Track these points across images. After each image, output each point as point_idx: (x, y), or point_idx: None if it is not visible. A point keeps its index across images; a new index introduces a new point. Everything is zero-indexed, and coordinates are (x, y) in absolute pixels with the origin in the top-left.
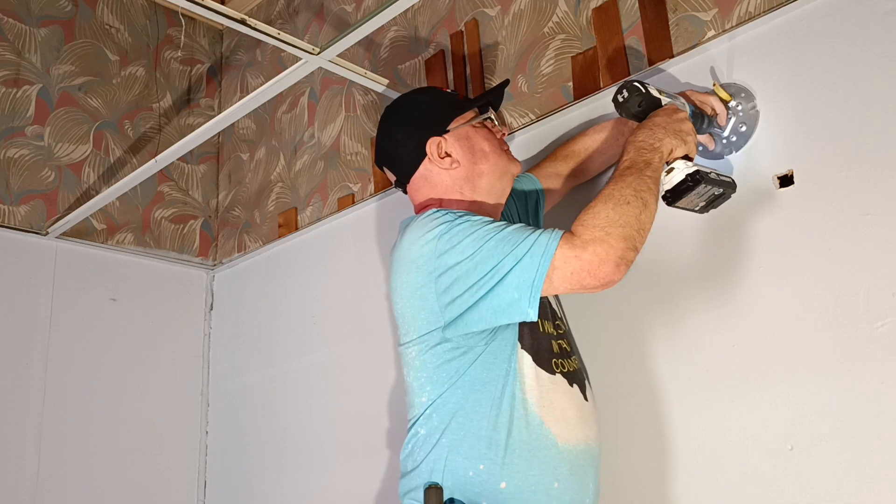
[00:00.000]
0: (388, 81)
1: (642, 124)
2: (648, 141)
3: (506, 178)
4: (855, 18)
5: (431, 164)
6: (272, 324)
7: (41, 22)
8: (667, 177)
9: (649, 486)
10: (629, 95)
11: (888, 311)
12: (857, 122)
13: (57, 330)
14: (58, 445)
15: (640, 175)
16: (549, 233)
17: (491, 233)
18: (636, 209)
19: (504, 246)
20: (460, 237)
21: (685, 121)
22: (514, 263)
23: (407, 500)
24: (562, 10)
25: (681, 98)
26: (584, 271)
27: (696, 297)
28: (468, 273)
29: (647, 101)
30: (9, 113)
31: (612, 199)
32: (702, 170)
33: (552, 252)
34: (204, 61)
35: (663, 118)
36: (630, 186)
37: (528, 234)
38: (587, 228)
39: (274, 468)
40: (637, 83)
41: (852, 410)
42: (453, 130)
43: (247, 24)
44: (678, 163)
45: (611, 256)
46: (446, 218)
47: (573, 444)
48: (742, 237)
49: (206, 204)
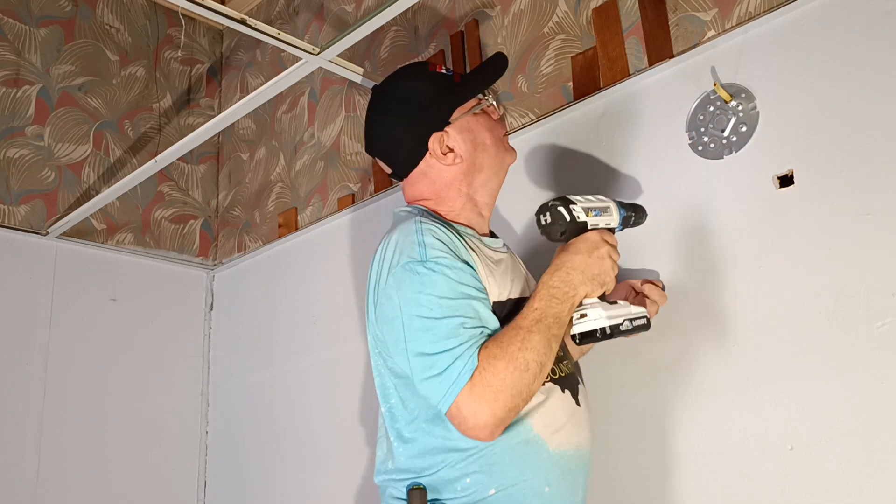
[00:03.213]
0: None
1: (559, 261)
2: (563, 289)
3: (501, 172)
4: (855, 18)
5: (432, 160)
6: (272, 324)
7: (41, 22)
8: (579, 319)
9: (650, 486)
10: (552, 221)
11: (888, 311)
12: (857, 122)
13: (57, 330)
14: (58, 445)
15: (546, 335)
16: (465, 360)
17: (428, 309)
18: (532, 375)
19: (429, 337)
20: (406, 285)
21: (605, 258)
22: (425, 377)
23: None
24: (562, 10)
25: (611, 203)
26: (458, 422)
27: (695, 297)
28: (394, 330)
29: (571, 229)
30: (9, 113)
31: (514, 360)
32: (615, 324)
33: (459, 388)
34: (204, 61)
35: (583, 258)
36: (533, 350)
37: (451, 345)
38: (482, 383)
39: (274, 468)
40: (561, 206)
41: (852, 410)
42: (455, 122)
43: (247, 24)
44: (593, 310)
45: (488, 424)
46: (415, 251)
47: (564, 448)
48: (742, 237)
49: (206, 204)
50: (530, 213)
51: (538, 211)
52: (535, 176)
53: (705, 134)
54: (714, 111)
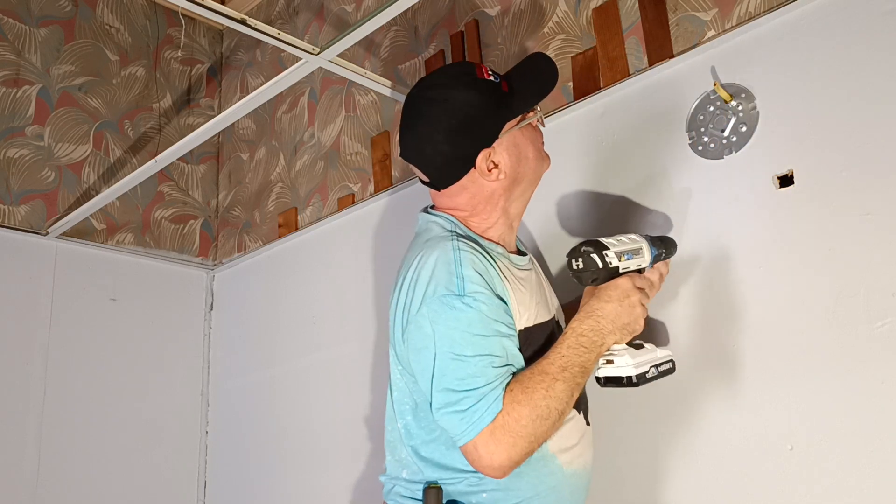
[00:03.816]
0: (389, 82)
1: (590, 308)
2: (591, 337)
3: (536, 182)
4: (855, 18)
5: (475, 174)
6: (272, 324)
7: (41, 22)
8: (605, 364)
9: (649, 486)
10: (584, 267)
11: (888, 311)
12: (857, 122)
13: (57, 330)
14: (58, 445)
15: (571, 383)
16: (489, 402)
17: (460, 346)
18: (551, 423)
19: (458, 373)
20: (440, 318)
21: (636, 306)
22: (449, 411)
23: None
24: (562, 10)
25: (643, 243)
26: (472, 459)
27: (695, 298)
28: (423, 358)
29: (603, 276)
30: (9, 113)
31: (537, 408)
32: (641, 373)
33: (480, 428)
34: (204, 61)
35: (614, 306)
36: (556, 399)
37: (478, 385)
38: (503, 427)
39: (274, 468)
40: (594, 252)
41: (852, 410)
42: (502, 137)
43: (247, 24)
44: (620, 358)
45: (502, 466)
46: (452, 283)
47: (575, 468)
48: (742, 237)
49: (206, 204)
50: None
51: (570, 254)
52: None
53: (705, 134)
54: (714, 111)
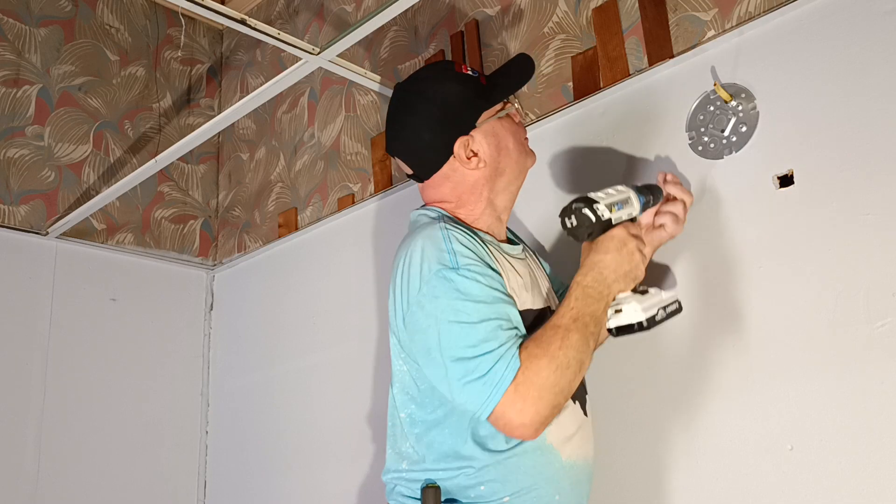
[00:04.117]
0: (389, 81)
1: (591, 261)
2: (597, 287)
3: (522, 176)
4: (855, 18)
5: (456, 163)
6: (272, 324)
7: (41, 22)
8: (614, 315)
9: (649, 486)
10: (578, 224)
11: (888, 311)
12: (857, 122)
13: (57, 330)
14: (58, 445)
15: (584, 333)
16: (507, 361)
17: (466, 314)
18: (573, 373)
19: (469, 341)
20: (441, 292)
21: (634, 253)
22: (467, 380)
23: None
24: (562, 10)
25: (630, 192)
26: (502, 423)
27: (695, 298)
28: (430, 339)
29: (597, 229)
30: (9, 113)
31: (555, 359)
32: (650, 316)
33: (503, 389)
34: (204, 61)
35: (614, 256)
36: (574, 348)
37: (491, 347)
38: (526, 382)
39: (274, 468)
40: (585, 207)
41: (852, 410)
42: (481, 126)
43: (247, 24)
44: (628, 305)
45: (534, 422)
46: (446, 258)
47: (574, 459)
48: (742, 237)
49: (206, 204)
50: (531, 214)
51: (562, 213)
52: (535, 176)
53: (705, 134)
54: (714, 111)
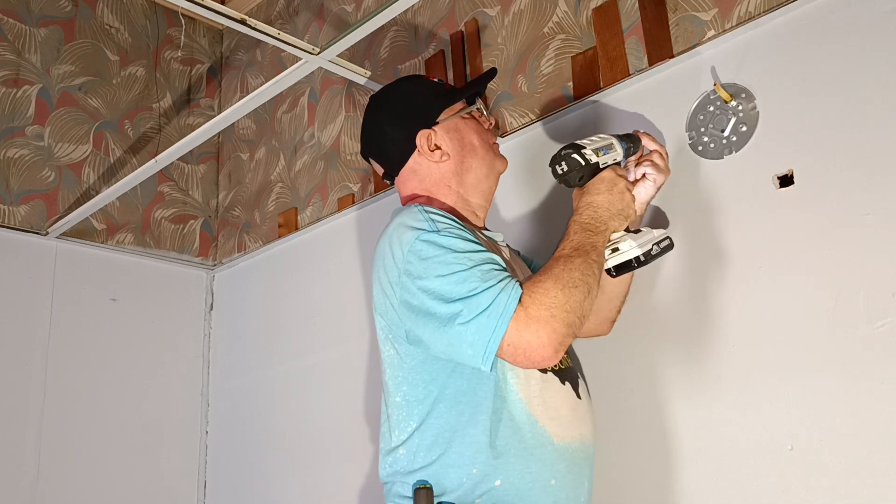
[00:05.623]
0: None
1: (585, 202)
2: (594, 223)
3: (492, 177)
4: (855, 18)
5: (421, 157)
6: (272, 324)
7: (41, 22)
8: (611, 254)
9: (649, 486)
10: (569, 169)
11: (888, 311)
12: (857, 122)
13: (57, 330)
14: (58, 445)
15: (586, 259)
16: (509, 291)
17: (457, 264)
18: (582, 294)
19: (466, 285)
20: (427, 253)
21: (625, 192)
22: (471, 317)
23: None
24: (562, 10)
25: (612, 139)
26: (521, 350)
27: (695, 297)
28: (426, 301)
29: (588, 172)
30: (9, 113)
31: (560, 279)
32: (646, 251)
33: (509, 316)
34: (204, 61)
35: (605, 196)
36: (578, 270)
37: (489, 283)
38: (535, 303)
39: (274, 468)
40: (574, 153)
41: (852, 410)
42: (443, 122)
43: (247, 24)
44: (623, 243)
45: (552, 342)
46: (424, 224)
47: (568, 441)
48: (742, 237)
49: (206, 204)
50: (531, 213)
51: (552, 162)
52: (535, 176)
53: (705, 134)
54: (714, 111)
